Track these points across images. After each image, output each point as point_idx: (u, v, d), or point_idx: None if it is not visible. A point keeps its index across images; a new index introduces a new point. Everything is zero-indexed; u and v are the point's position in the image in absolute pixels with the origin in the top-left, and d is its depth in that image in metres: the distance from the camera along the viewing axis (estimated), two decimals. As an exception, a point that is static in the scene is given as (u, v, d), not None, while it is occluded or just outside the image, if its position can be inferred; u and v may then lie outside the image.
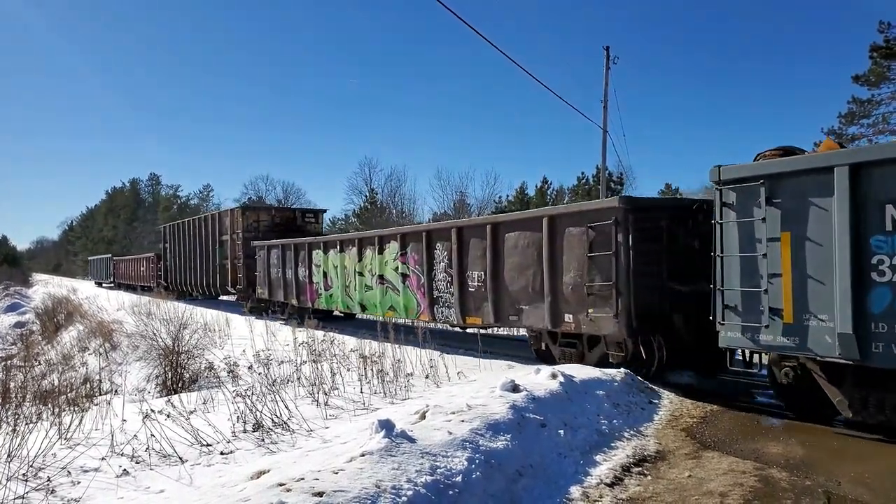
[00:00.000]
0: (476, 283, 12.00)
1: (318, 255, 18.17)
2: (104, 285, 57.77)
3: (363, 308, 16.10)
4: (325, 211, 28.13)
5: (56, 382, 11.57)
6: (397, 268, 14.36)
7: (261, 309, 21.61)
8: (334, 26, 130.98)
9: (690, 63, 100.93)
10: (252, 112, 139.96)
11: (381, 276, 14.97)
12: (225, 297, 29.46)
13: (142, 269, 43.86)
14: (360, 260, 15.89)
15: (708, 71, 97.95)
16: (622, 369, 9.16)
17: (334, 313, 19.72)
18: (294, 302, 19.48)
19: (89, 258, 76.16)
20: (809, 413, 7.53)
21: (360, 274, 15.85)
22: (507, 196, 54.18)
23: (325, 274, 17.76)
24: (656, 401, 8.57)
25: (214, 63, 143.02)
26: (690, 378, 10.15)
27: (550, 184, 54.82)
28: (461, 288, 12.34)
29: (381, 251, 15.03)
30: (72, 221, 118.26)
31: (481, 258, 11.79)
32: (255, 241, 22.47)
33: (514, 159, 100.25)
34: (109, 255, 60.94)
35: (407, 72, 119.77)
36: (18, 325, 32.69)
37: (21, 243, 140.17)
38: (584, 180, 51.32)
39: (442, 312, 13.12)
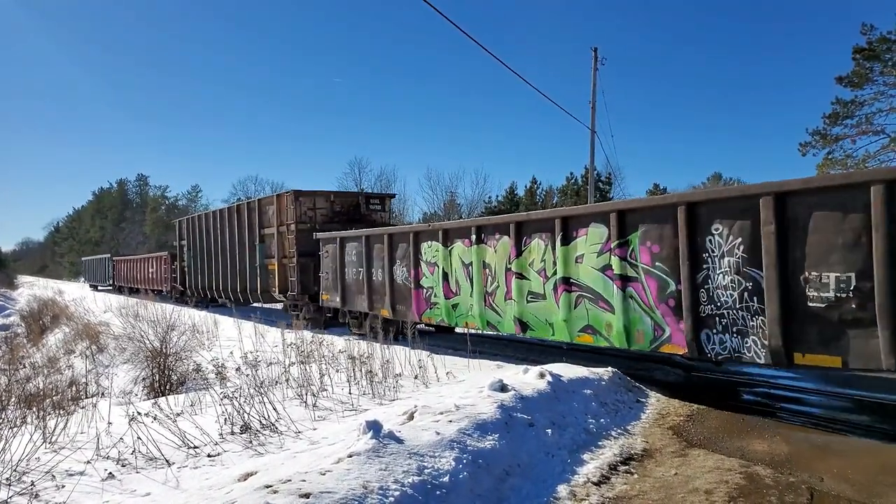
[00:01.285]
0: (832, 294, 6.76)
1: (430, 248, 13.00)
2: (100, 288, 52.07)
3: (524, 327, 10.87)
4: (393, 196, 21.97)
5: (41, 385, 11.49)
6: (607, 265, 9.23)
7: (324, 321, 17.70)
8: (323, 27, 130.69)
9: (677, 64, 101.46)
10: (241, 113, 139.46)
11: (565, 279, 9.92)
12: (266, 305, 23.35)
13: (150, 270, 38.00)
14: (518, 255, 10.83)
15: (695, 72, 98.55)
16: (609, 368, 9.20)
17: (416, 326, 13.15)
18: (386, 313, 14.39)
19: (83, 258, 69.43)
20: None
21: (520, 276, 10.82)
22: (497, 196, 54.36)
23: (445, 275, 12.56)
24: (643, 399, 8.61)
25: (202, 65, 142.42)
26: (677, 377, 10.22)
27: (540, 184, 55.09)
28: (784, 301, 7.15)
29: (566, 240, 9.92)
30: (58, 222, 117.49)
31: (852, 248, 6.63)
32: (321, 234, 17.34)
33: (504, 160, 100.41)
34: (108, 255, 53.37)
35: (396, 73, 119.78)
36: (3, 327, 32.39)
37: (5, 245, 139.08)
38: (573, 180, 51.53)
39: (724, 342, 7.83)
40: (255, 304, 23.42)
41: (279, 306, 21.65)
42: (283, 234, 19.47)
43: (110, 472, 5.72)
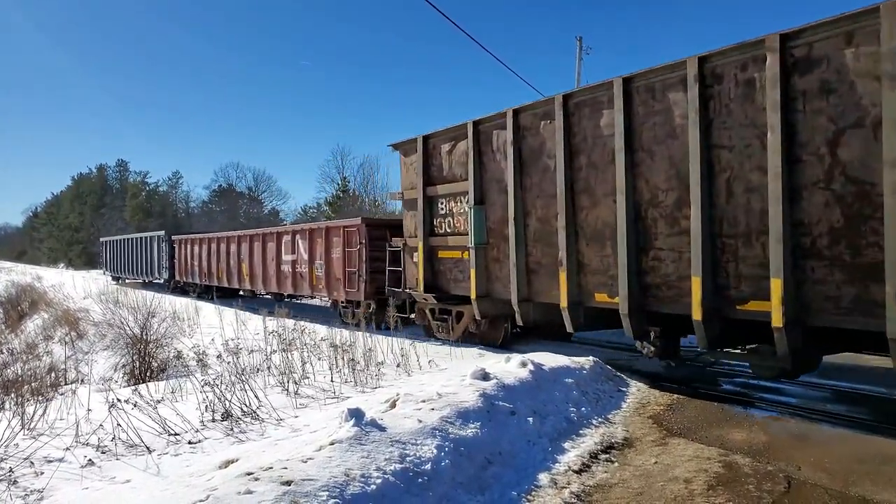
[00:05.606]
0: None
1: None
2: (127, 281, 36.46)
3: None
4: None
5: (19, 371, 11.39)
6: None
7: None
8: (302, 14, 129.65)
9: (663, 53, 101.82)
10: (221, 99, 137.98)
11: None
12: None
13: (289, 258, 18.80)
14: None
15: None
16: (591, 357, 9.26)
17: None
18: None
19: (102, 239, 47.53)
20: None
21: None
22: (481, 185, 54.21)
23: None
24: (624, 389, 8.68)
25: (182, 51, 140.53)
26: (657, 366, 10.31)
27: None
28: None
29: None
30: (36, 208, 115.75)
31: None
32: None
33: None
34: (162, 232, 32.67)
35: (380, 63, 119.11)
36: (-20, 313, 31.89)
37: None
38: (556, 170, 51.57)
39: None
40: None
41: None
42: None
43: (90, 459, 5.68)
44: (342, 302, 16.52)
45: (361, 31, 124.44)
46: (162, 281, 31.74)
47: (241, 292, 23.65)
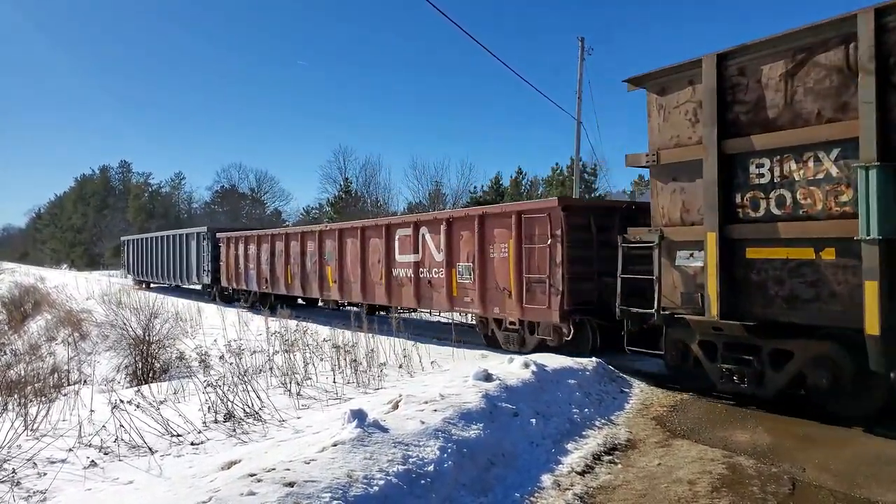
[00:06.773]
0: None
1: None
2: (153, 286, 32.71)
3: None
4: None
5: (22, 372, 11.39)
6: None
7: None
8: (303, 15, 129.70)
9: (665, 54, 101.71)
10: (223, 100, 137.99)
11: None
12: None
13: (408, 259, 13.52)
14: None
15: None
16: (594, 358, 9.23)
17: None
18: None
19: (124, 238, 41.36)
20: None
21: None
22: (482, 186, 54.24)
23: None
24: (627, 390, 8.66)
25: (184, 52, 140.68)
26: (660, 367, 10.28)
27: (525, 174, 55.02)
28: None
29: None
30: (39, 209, 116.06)
31: None
32: None
33: (489, 150, 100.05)
34: (204, 229, 26.43)
35: (377, 62, 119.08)
36: (-16, 314, 31.91)
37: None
38: (558, 171, 51.55)
39: None
40: None
41: None
42: None
43: (92, 460, 5.68)
44: (510, 323, 11.51)
45: (361, 31, 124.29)
46: (201, 287, 27.25)
47: (299, 301, 20.03)
